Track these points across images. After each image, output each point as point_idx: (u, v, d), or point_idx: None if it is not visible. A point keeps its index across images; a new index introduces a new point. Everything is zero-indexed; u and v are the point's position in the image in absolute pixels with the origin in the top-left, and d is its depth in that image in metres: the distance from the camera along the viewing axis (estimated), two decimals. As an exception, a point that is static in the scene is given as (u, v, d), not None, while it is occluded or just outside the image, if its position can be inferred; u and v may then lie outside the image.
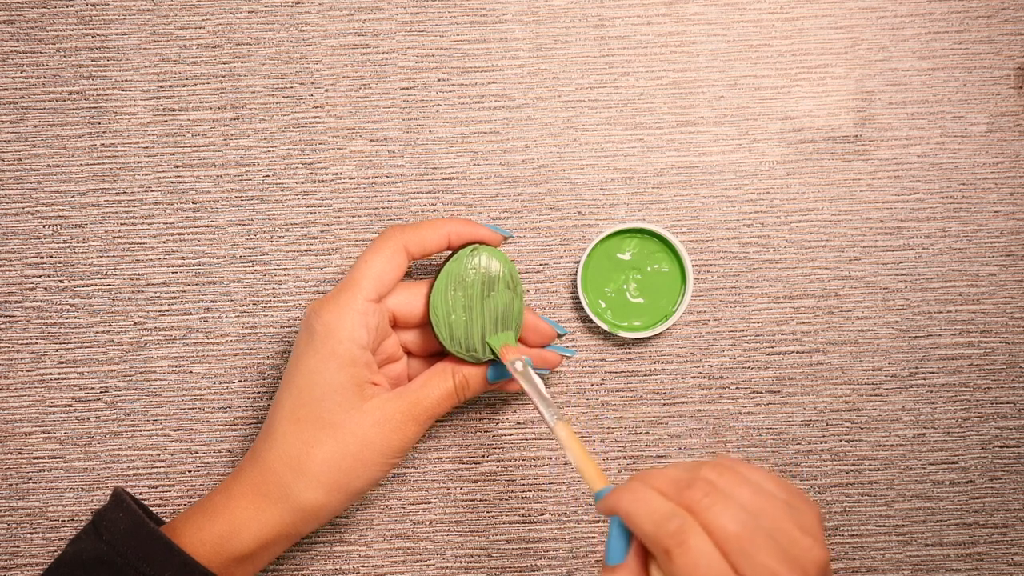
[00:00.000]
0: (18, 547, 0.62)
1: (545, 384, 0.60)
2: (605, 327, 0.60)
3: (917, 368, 0.62)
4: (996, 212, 0.62)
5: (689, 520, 0.42)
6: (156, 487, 0.62)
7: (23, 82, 0.62)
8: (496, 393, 0.62)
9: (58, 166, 0.62)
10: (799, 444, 0.62)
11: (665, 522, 0.42)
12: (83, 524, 0.61)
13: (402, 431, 0.54)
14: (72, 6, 0.62)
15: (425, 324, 0.57)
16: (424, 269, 0.63)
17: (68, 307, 0.62)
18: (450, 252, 0.57)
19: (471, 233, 0.56)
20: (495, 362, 0.57)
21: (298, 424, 0.53)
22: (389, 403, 0.54)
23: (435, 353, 0.59)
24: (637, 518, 0.43)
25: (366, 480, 0.54)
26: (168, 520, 0.60)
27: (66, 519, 0.62)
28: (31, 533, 0.62)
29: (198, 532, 0.53)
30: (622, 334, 0.60)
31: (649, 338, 0.62)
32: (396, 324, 0.57)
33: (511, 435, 0.62)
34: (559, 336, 0.59)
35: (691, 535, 0.42)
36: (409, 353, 0.58)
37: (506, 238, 0.57)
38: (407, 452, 0.55)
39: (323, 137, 0.62)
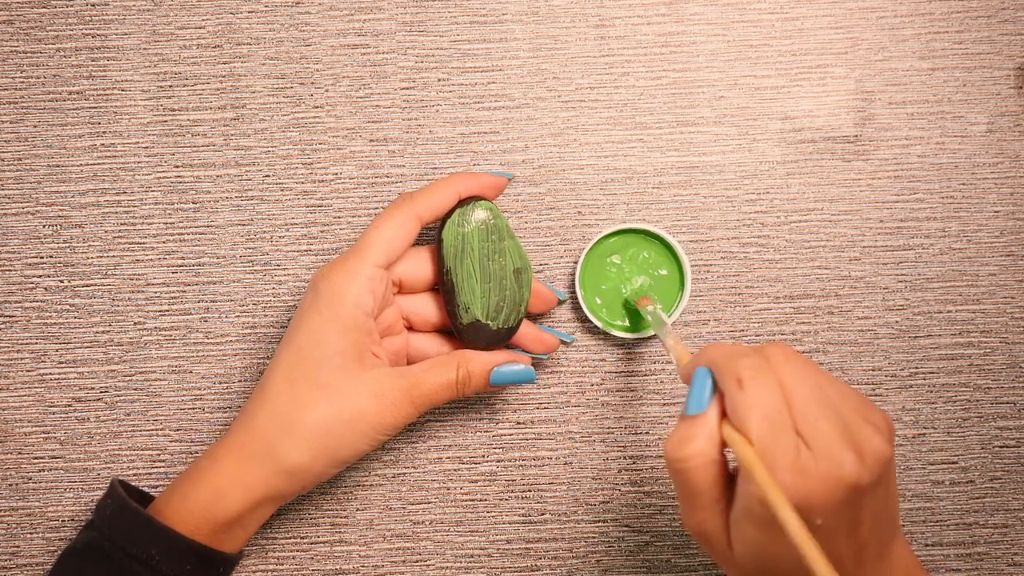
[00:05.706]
0: (18, 547, 0.62)
1: (543, 378, 0.60)
2: (599, 324, 0.60)
3: (917, 368, 0.62)
4: (996, 212, 0.62)
5: (768, 366, 0.44)
6: (156, 487, 0.62)
7: (23, 82, 0.62)
8: (496, 393, 0.62)
9: (58, 166, 0.62)
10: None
11: (744, 357, 0.44)
12: (83, 524, 0.61)
13: (396, 408, 0.54)
14: (72, 6, 0.62)
15: (432, 289, 0.57)
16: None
17: (68, 307, 0.62)
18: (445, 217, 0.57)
19: (477, 184, 0.56)
20: (510, 331, 0.57)
21: (293, 384, 0.53)
22: (389, 378, 0.54)
23: (438, 329, 0.59)
24: (720, 357, 0.45)
25: (353, 450, 0.54)
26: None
27: (66, 519, 0.62)
28: (31, 533, 0.62)
29: (184, 501, 0.53)
30: (616, 333, 0.60)
31: (648, 338, 0.62)
32: (401, 289, 0.57)
33: (511, 435, 0.62)
34: (560, 302, 0.59)
35: (766, 373, 0.44)
36: (410, 328, 0.58)
37: (509, 180, 0.58)
38: (398, 430, 0.55)
39: (323, 137, 0.62)
